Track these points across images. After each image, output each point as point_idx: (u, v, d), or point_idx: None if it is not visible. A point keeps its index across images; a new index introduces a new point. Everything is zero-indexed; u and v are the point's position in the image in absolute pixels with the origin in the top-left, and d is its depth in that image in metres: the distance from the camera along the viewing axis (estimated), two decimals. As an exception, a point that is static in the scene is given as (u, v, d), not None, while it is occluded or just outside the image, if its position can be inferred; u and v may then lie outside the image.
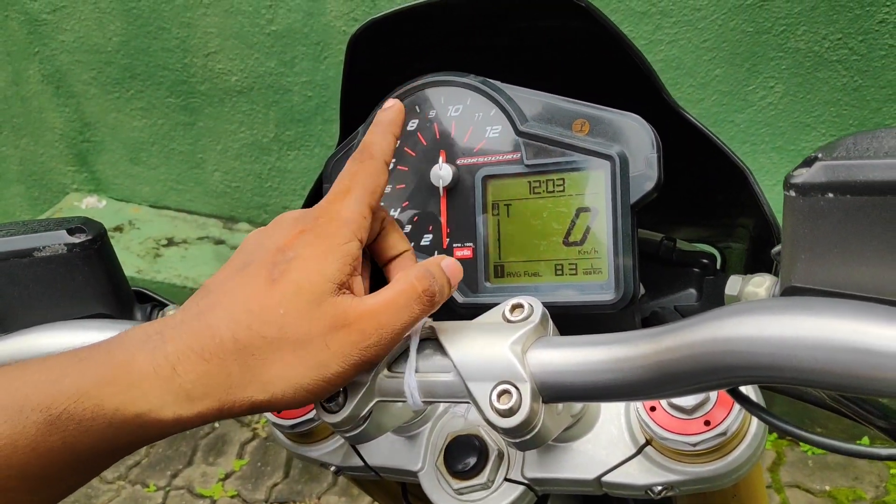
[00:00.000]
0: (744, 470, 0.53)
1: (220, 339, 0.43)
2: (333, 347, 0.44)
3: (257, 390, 0.43)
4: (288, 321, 0.44)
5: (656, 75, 0.58)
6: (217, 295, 0.45)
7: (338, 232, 0.47)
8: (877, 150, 0.35)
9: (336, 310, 0.44)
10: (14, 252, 0.58)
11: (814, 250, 0.36)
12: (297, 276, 0.45)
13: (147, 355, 0.42)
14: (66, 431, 0.41)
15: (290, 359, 0.44)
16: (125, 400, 0.41)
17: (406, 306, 0.46)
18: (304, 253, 0.46)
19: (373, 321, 0.45)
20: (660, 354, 0.40)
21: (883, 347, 0.32)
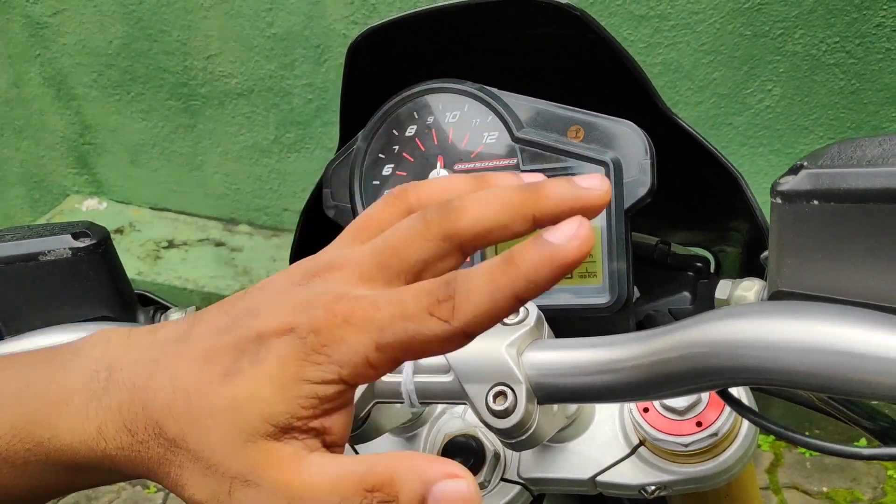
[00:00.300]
0: (735, 470, 0.54)
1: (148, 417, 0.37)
2: (234, 499, 0.35)
3: (172, 483, 0.37)
4: (209, 441, 0.35)
5: (650, 82, 0.59)
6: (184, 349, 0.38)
7: (318, 366, 0.34)
8: (860, 159, 0.36)
9: (256, 460, 0.34)
10: (20, 256, 0.59)
11: (799, 255, 0.37)
12: (243, 391, 0.35)
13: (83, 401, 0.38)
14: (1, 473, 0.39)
15: (198, 479, 0.36)
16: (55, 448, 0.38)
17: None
18: (267, 367, 0.35)
19: (283, 499, 0.34)
20: (651, 357, 0.41)
21: (866, 351, 0.33)
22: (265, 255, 2.74)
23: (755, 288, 0.48)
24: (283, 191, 2.77)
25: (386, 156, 0.66)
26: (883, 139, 0.38)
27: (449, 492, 0.31)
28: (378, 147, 0.66)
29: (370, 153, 0.66)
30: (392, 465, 0.32)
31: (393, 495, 0.32)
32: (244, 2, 2.43)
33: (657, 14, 2.03)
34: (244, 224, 2.92)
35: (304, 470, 0.34)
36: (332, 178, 0.68)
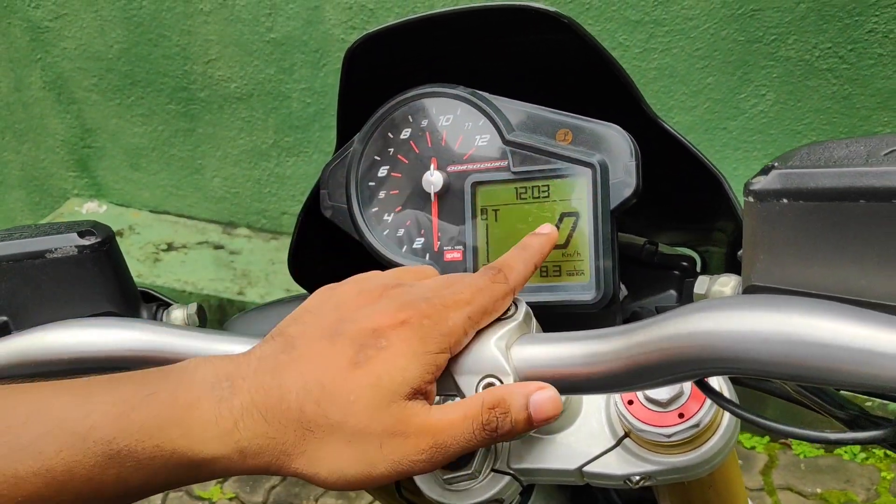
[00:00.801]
0: (717, 460, 0.56)
1: (287, 405, 0.44)
2: (386, 450, 0.44)
3: (305, 464, 0.44)
4: (354, 410, 0.43)
5: (636, 87, 0.61)
6: (297, 354, 0.46)
7: (436, 340, 0.46)
8: (827, 160, 0.38)
9: (401, 415, 0.44)
10: (27, 254, 0.61)
11: (771, 251, 0.39)
12: (380, 369, 0.44)
13: (212, 404, 0.43)
14: (122, 466, 0.42)
15: (343, 447, 0.44)
16: (184, 445, 0.42)
17: (465, 437, 0.44)
18: (396, 348, 0.45)
19: (429, 439, 0.44)
20: (631, 349, 0.43)
21: (830, 341, 0.35)
22: (264, 257, 2.75)
23: (732, 283, 0.49)
24: (281, 194, 2.79)
25: (381, 158, 0.68)
26: (849, 141, 0.40)
27: (543, 396, 0.45)
28: (374, 149, 0.68)
29: (366, 155, 0.68)
30: (499, 389, 0.46)
31: (506, 407, 0.44)
32: (244, 7, 2.44)
33: (652, 19, 2.05)
34: (243, 227, 2.93)
35: (436, 413, 0.45)
36: (329, 180, 0.70)
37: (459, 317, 0.47)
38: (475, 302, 0.48)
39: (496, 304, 0.49)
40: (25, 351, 0.59)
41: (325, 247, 0.76)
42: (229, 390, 0.44)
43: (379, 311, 0.47)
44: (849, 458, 2.21)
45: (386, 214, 0.67)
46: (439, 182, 0.64)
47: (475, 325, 0.48)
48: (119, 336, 0.58)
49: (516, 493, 0.61)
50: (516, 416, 0.44)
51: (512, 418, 0.44)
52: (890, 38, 1.89)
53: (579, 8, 2.08)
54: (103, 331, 0.58)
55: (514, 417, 0.44)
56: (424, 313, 0.46)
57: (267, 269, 2.68)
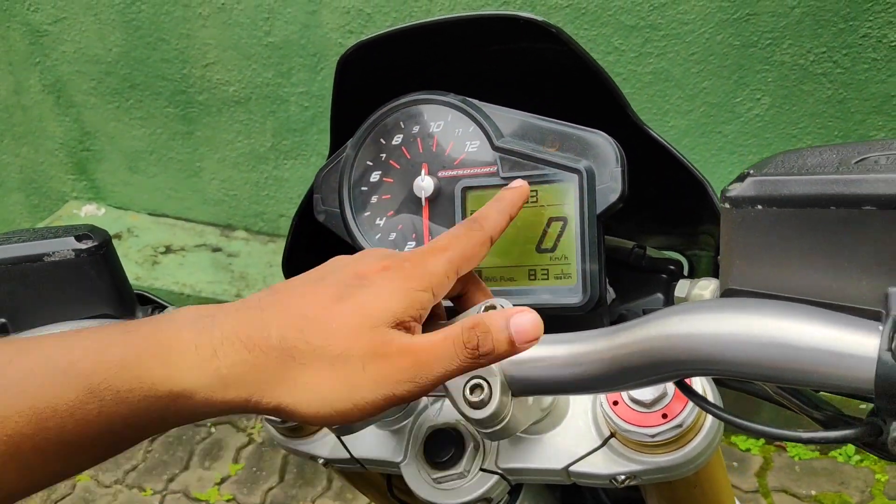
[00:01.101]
0: (701, 460, 0.57)
1: (268, 333, 0.43)
2: (369, 372, 0.43)
3: (286, 393, 0.43)
4: (335, 334, 0.44)
5: (622, 95, 0.62)
6: (281, 295, 0.46)
7: (418, 278, 0.47)
8: (800, 168, 0.39)
9: (383, 338, 0.44)
10: (25, 257, 0.62)
11: (747, 256, 0.40)
12: (363, 299, 0.45)
13: (193, 334, 0.43)
14: (103, 401, 0.41)
15: (325, 371, 0.43)
16: (162, 374, 0.42)
17: (447, 356, 0.44)
18: (379, 284, 0.46)
19: (411, 358, 0.44)
20: (613, 350, 0.44)
21: (801, 342, 0.36)
22: (262, 260, 2.76)
23: (711, 287, 0.51)
24: (279, 197, 2.79)
25: (374, 163, 0.69)
26: (822, 149, 0.41)
27: (524, 317, 0.45)
28: (366, 155, 0.69)
29: (359, 160, 0.69)
30: (479, 315, 0.47)
31: (486, 327, 0.45)
32: (242, 11, 2.45)
33: (648, 24, 2.05)
34: (241, 230, 2.93)
35: (418, 336, 0.45)
36: (322, 185, 0.71)
37: (440, 260, 0.49)
38: (453, 247, 0.50)
39: (474, 250, 0.51)
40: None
41: (318, 250, 0.77)
42: (210, 321, 0.44)
43: (361, 262, 0.48)
44: (843, 460, 2.22)
45: (378, 219, 0.68)
46: (430, 187, 0.65)
47: (456, 269, 0.50)
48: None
49: (504, 492, 0.62)
50: (497, 336, 0.45)
51: (493, 337, 0.45)
52: (884, 42, 1.89)
53: (575, 13, 2.09)
54: (100, 333, 0.59)
55: (495, 337, 0.45)
56: (406, 258, 0.48)
57: (265, 272, 2.69)
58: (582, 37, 2.12)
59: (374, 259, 0.49)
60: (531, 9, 2.13)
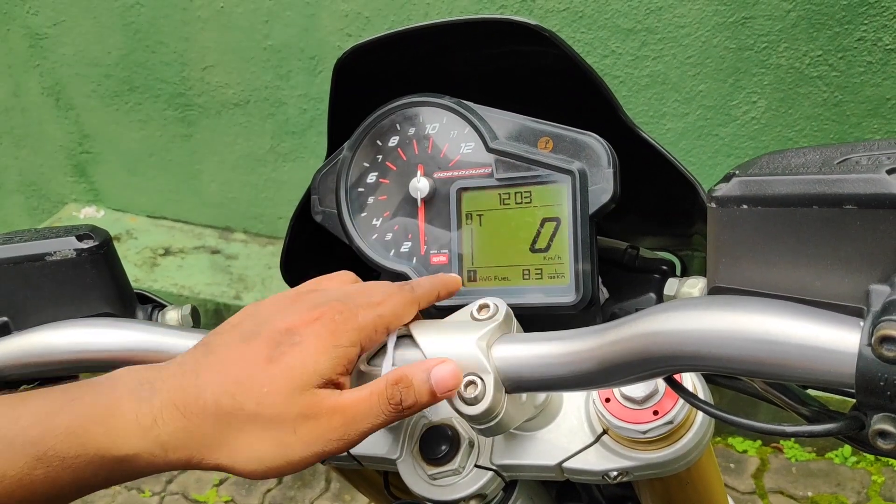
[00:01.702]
0: (692, 456, 0.58)
1: (203, 400, 0.46)
2: (300, 433, 0.46)
3: (224, 455, 0.46)
4: (267, 400, 0.46)
5: (615, 97, 0.63)
6: (216, 357, 0.48)
7: (347, 333, 0.49)
8: (784, 168, 0.40)
9: (312, 400, 0.47)
10: (28, 256, 0.63)
11: (732, 254, 0.41)
12: (293, 361, 0.47)
13: (133, 404, 0.46)
14: (50, 467, 0.44)
15: (259, 434, 0.46)
16: (107, 442, 0.45)
17: (373, 412, 0.48)
18: (308, 342, 0.48)
19: (340, 418, 0.47)
20: (604, 347, 0.45)
21: (785, 338, 0.37)
22: (260, 262, 2.76)
23: (699, 285, 0.52)
24: (278, 199, 2.80)
25: (370, 164, 0.70)
26: (806, 150, 0.42)
27: (443, 370, 0.49)
28: (363, 156, 0.70)
29: (355, 162, 0.70)
30: (402, 368, 0.50)
31: (408, 382, 0.48)
32: (241, 14, 2.46)
33: (644, 28, 2.06)
34: (239, 232, 2.94)
35: (346, 394, 0.48)
36: (319, 186, 0.72)
37: (370, 315, 0.50)
38: (385, 304, 0.52)
39: (404, 309, 0.53)
40: (25, 350, 0.61)
41: (316, 251, 0.78)
42: (150, 391, 0.46)
43: (293, 312, 0.50)
44: (840, 461, 2.22)
45: (374, 219, 0.69)
46: (426, 188, 0.66)
47: (385, 325, 0.51)
48: (116, 336, 0.60)
49: (499, 488, 0.63)
50: (419, 389, 0.49)
51: (415, 391, 0.48)
52: (879, 46, 1.90)
53: (572, 16, 2.10)
54: (101, 331, 0.60)
55: (416, 390, 0.48)
56: (336, 310, 0.50)
57: (263, 274, 2.69)
58: (579, 40, 2.12)
59: (305, 308, 0.50)
60: (528, 12, 2.14)
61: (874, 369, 0.34)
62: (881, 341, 0.34)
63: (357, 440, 0.48)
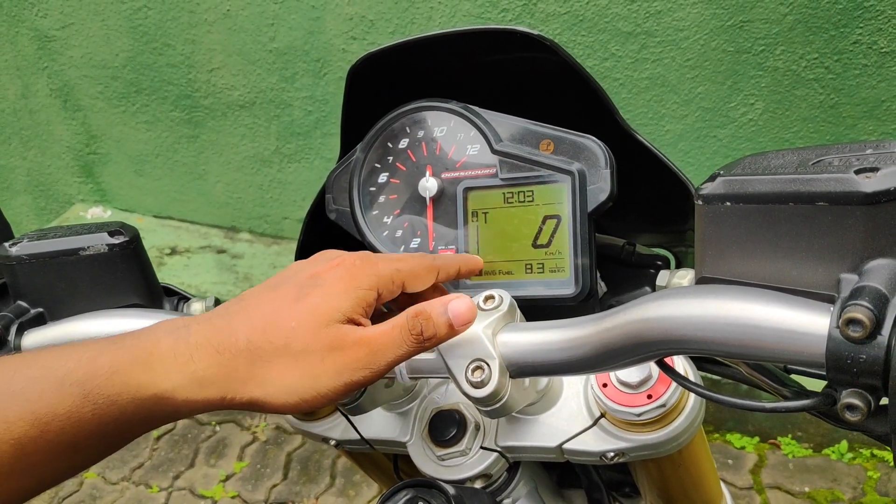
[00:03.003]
0: (684, 438, 0.62)
1: (235, 337, 0.49)
2: (327, 364, 0.49)
3: (257, 388, 0.49)
4: (295, 334, 0.49)
5: (612, 102, 0.66)
6: (247, 302, 0.52)
7: (365, 277, 0.52)
8: (764, 168, 0.44)
9: (338, 333, 0.50)
10: (63, 251, 0.67)
11: (717, 247, 0.45)
12: (316, 300, 0.50)
13: (171, 342, 0.49)
14: (96, 404, 0.47)
15: (289, 366, 0.49)
16: (147, 379, 0.48)
17: (396, 343, 0.50)
18: (330, 283, 0.51)
19: (365, 348, 0.50)
20: (600, 334, 0.49)
21: (763, 323, 0.41)
22: (265, 262, 2.79)
23: (689, 276, 0.56)
24: (283, 200, 2.82)
25: (381, 165, 0.73)
26: (786, 152, 0.46)
27: (459, 303, 0.52)
28: (374, 157, 0.73)
29: (367, 163, 0.73)
30: (421, 304, 0.52)
31: (427, 315, 0.51)
32: (247, 17, 2.48)
33: (644, 31, 2.08)
34: (245, 232, 2.96)
35: (369, 328, 0.51)
36: (333, 185, 0.75)
37: (389, 266, 0.54)
38: (404, 262, 0.56)
39: (423, 271, 0.57)
40: (60, 339, 0.65)
41: (329, 247, 0.82)
42: (185, 331, 0.50)
43: (316, 263, 0.54)
44: (836, 457, 2.24)
45: (385, 217, 0.73)
46: (434, 187, 0.70)
47: (402, 279, 0.55)
48: (145, 325, 0.63)
49: (503, 469, 0.67)
50: (437, 321, 0.51)
51: (434, 322, 0.51)
52: (874, 49, 1.91)
53: (573, 20, 2.12)
54: (131, 321, 0.64)
55: (435, 322, 0.51)
56: (358, 257, 0.54)
57: (269, 273, 2.72)
58: (579, 43, 2.14)
59: (328, 258, 0.54)
60: (530, 16, 2.16)
61: (842, 349, 0.38)
62: (847, 323, 0.37)
63: (383, 370, 0.51)
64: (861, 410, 0.39)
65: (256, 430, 2.64)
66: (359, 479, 2.39)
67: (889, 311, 0.38)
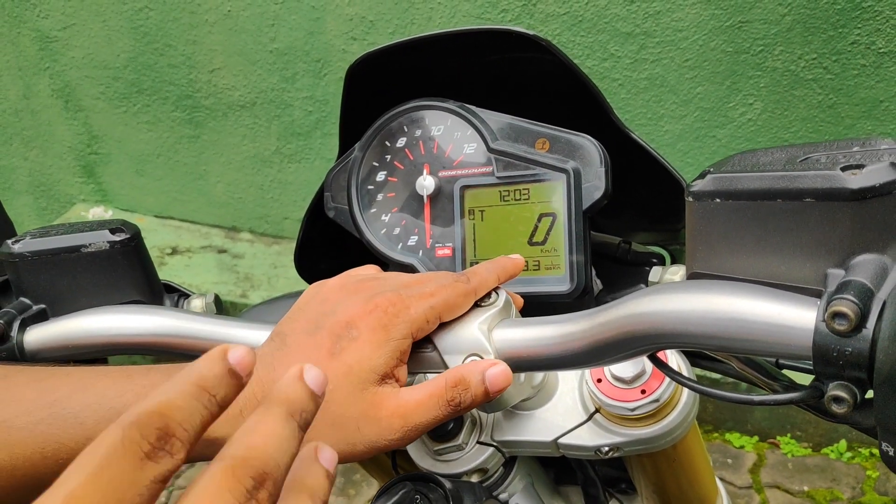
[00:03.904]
0: (678, 433, 0.63)
1: None
2: (363, 432, 0.50)
3: None
4: (333, 398, 0.50)
5: (607, 101, 0.67)
6: (288, 349, 0.53)
7: (399, 327, 0.52)
8: (753, 166, 0.45)
9: (374, 399, 0.51)
10: (64, 248, 0.68)
11: (708, 243, 0.46)
12: (351, 358, 0.51)
13: None
14: None
15: (327, 430, 0.50)
16: None
17: (430, 412, 0.51)
18: (364, 337, 0.51)
19: (400, 420, 0.51)
20: (593, 329, 0.50)
21: (753, 317, 0.42)
22: (266, 261, 2.80)
23: (680, 272, 0.57)
24: (283, 200, 2.83)
25: (379, 164, 0.74)
26: (774, 150, 0.47)
27: (496, 371, 0.52)
28: (373, 156, 0.74)
29: (366, 161, 0.74)
30: (458, 369, 0.52)
31: (466, 385, 0.51)
32: (247, 18, 2.49)
33: (643, 31, 2.09)
34: (246, 232, 2.97)
35: (404, 395, 0.51)
36: (332, 183, 0.76)
37: (422, 307, 0.53)
38: (438, 296, 0.54)
39: (458, 300, 0.55)
40: (62, 334, 0.66)
41: (328, 245, 0.83)
42: None
43: (353, 303, 0.54)
44: (835, 457, 2.25)
45: (383, 215, 0.74)
46: (431, 186, 0.71)
47: (437, 317, 0.54)
48: (146, 322, 0.65)
49: (499, 463, 0.68)
50: (475, 391, 0.52)
51: (472, 392, 0.52)
52: (872, 49, 1.92)
53: (572, 20, 2.13)
54: (132, 317, 0.65)
55: (473, 392, 0.52)
56: (391, 301, 0.53)
57: (269, 273, 2.73)
58: (579, 44, 2.15)
59: (362, 300, 0.54)
60: (530, 16, 2.17)
61: (828, 342, 0.39)
62: (833, 316, 0.38)
63: (415, 437, 0.52)
64: (847, 402, 0.39)
65: (257, 429, 2.65)
66: (358, 479, 2.40)
67: (874, 304, 0.38)
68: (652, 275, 0.60)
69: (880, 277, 0.40)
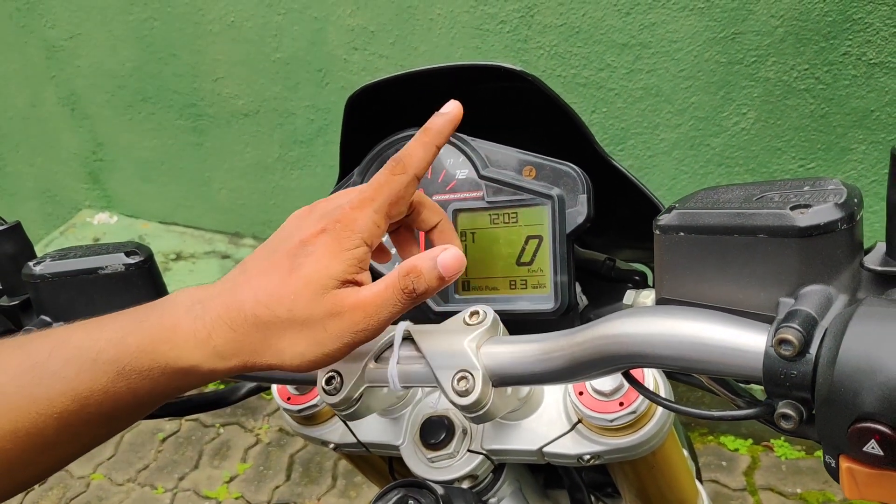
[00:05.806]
0: (654, 441, 0.67)
1: (244, 314, 0.53)
2: (330, 330, 0.53)
3: (272, 356, 0.53)
4: (296, 306, 0.52)
5: (589, 131, 0.71)
6: (249, 275, 0.55)
7: (349, 238, 0.54)
8: (714, 202, 0.49)
9: (335, 300, 0.52)
10: (83, 270, 0.72)
11: (673, 272, 0.50)
12: (309, 270, 0.53)
13: (190, 322, 0.53)
14: (130, 379, 0.52)
15: (297, 335, 0.53)
16: (174, 356, 0.52)
17: (390, 302, 0.53)
18: (319, 251, 0.54)
19: (361, 312, 0.53)
20: (572, 348, 0.54)
21: (710, 340, 0.46)
22: (269, 267, 2.82)
23: (651, 296, 0.61)
24: (286, 206, 2.86)
25: (377, 187, 0.78)
26: (735, 187, 0.51)
27: (448, 255, 0.54)
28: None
29: (364, 185, 0.78)
30: (411, 260, 0.54)
31: (418, 271, 0.54)
32: (251, 28, 2.52)
33: (638, 42, 2.12)
34: (249, 237, 3.00)
35: (363, 291, 0.54)
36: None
37: (366, 213, 0.55)
38: (379, 197, 0.56)
39: (400, 193, 0.57)
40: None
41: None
42: (201, 310, 0.54)
43: (306, 226, 0.56)
44: (828, 459, 2.28)
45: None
46: (426, 209, 0.75)
47: (384, 216, 0.56)
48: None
49: (489, 470, 0.72)
50: (428, 276, 0.54)
51: (425, 278, 0.54)
52: (863, 60, 1.94)
53: (569, 31, 2.15)
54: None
55: (426, 277, 0.54)
56: (338, 218, 0.55)
57: (272, 278, 2.75)
58: (575, 54, 2.17)
59: (315, 220, 0.56)
60: (527, 27, 2.19)
61: (776, 366, 0.43)
62: (780, 343, 0.43)
63: (381, 328, 0.54)
64: (794, 419, 0.44)
65: (259, 432, 2.68)
66: (360, 481, 2.44)
67: (817, 331, 0.43)
68: (626, 298, 0.64)
69: (824, 307, 0.44)
